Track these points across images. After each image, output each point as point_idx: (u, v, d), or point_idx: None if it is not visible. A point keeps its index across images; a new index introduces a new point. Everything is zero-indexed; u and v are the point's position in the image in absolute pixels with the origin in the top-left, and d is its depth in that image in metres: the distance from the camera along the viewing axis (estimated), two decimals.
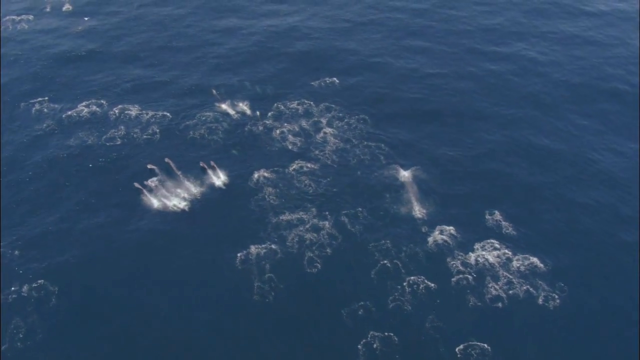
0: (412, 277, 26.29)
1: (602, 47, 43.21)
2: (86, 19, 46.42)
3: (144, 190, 29.98)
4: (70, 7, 47.52)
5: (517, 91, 38.00)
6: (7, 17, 46.59)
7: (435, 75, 39.53)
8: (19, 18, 46.69)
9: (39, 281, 26.00)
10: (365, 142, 33.85)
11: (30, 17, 46.99)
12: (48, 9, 47.97)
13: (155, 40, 43.14)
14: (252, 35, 43.54)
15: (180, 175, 31.41)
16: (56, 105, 36.77)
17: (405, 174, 31.93)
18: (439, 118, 35.91)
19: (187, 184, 31.02)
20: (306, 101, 36.93)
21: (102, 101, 36.85)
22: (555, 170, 32.23)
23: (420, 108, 36.70)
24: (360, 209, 29.63)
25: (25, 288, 25.68)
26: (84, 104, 36.77)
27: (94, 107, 36.29)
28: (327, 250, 27.29)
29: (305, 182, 31.23)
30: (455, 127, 35.30)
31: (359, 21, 46.02)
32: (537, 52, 42.00)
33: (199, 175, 31.35)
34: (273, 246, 27.46)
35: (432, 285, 26.02)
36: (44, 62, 40.81)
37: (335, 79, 39.36)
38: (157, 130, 34.45)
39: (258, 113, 35.37)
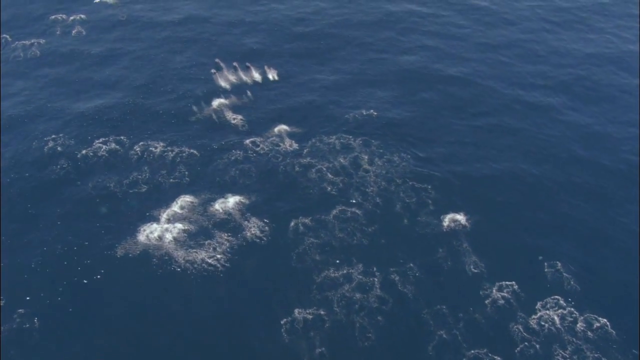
0: (473, 351, 24.66)
1: None
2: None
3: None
4: (84, 31, 45.95)
5: (568, 144, 35.97)
6: (17, 43, 45.00)
7: (480, 117, 37.80)
8: (29, 42, 45.06)
9: None
10: (410, 183, 32.42)
11: (42, 41, 45.36)
12: (58, 32, 46.41)
13: (177, 74, 41.49)
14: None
15: (211, 224, 29.66)
16: (72, 142, 34.99)
17: (456, 222, 30.40)
18: (487, 161, 34.45)
19: (219, 233, 29.32)
20: (344, 135, 35.22)
21: (121, 137, 35.16)
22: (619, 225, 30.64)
23: (466, 150, 35.28)
24: (410, 265, 28.24)
25: None
26: (101, 140, 35.07)
27: (113, 145, 34.69)
28: (378, 317, 25.87)
29: (349, 230, 29.88)
30: (506, 173, 33.86)
31: (393, 51, 44.28)
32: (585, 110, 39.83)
33: (235, 225, 29.84)
34: (321, 312, 26.06)
35: (497, 358, 24.36)
36: (58, 95, 39.53)
37: (372, 111, 37.63)
38: (186, 173, 32.72)
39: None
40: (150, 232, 29.54)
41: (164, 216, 30.43)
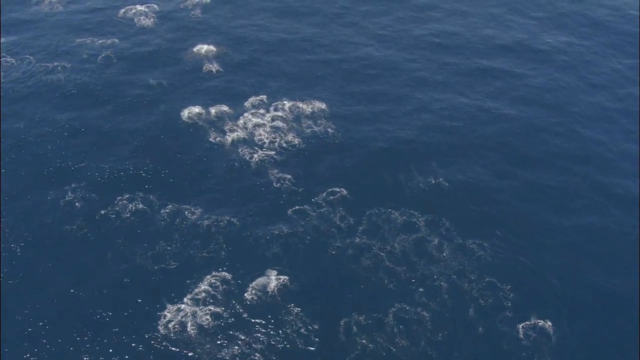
0: None
1: None
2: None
3: None
4: (113, 57, 43.78)
5: None
6: (39, 64, 43.08)
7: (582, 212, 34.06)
8: (52, 66, 43.21)
9: None
10: (487, 279, 29.28)
11: (67, 65, 43.36)
12: (85, 56, 44.33)
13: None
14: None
15: (247, 312, 27.41)
16: (94, 195, 32.52)
17: (540, 331, 27.42)
18: (568, 254, 31.27)
19: (256, 324, 26.81)
20: (410, 211, 32.60)
21: (150, 196, 32.58)
22: None
23: (545, 241, 31.98)
24: None
25: None
26: (126, 197, 32.51)
27: (140, 205, 32.12)
28: None
29: (412, 336, 26.95)
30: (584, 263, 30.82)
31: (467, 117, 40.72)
32: None
33: (275, 317, 27.29)
34: None
35: None
36: (84, 136, 37.54)
37: (441, 179, 34.41)
38: (224, 245, 30.10)
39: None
40: (173, 319, 27.20)
41: (191, 297, 28.10)
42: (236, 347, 26.25)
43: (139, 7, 51.16)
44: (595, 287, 29.71)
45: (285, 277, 29.05)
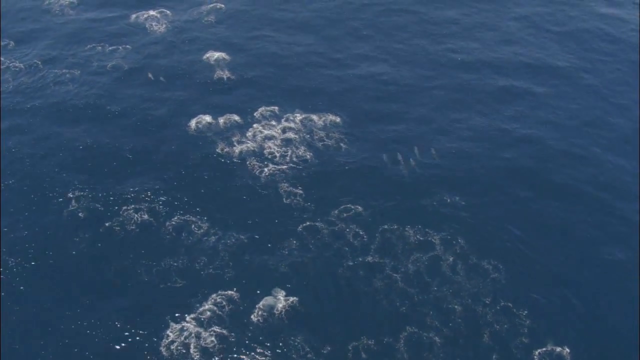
0: None
1: None
2: None
3: None
4: (124, 65, 43.43)
5: None
6: (47, 71, 42.94)
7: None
8: (60, 72, 43.02)
9: None
10: (502, 303, 28.38)
11: (76, 72, 43.06)
12: (95, 63, 44.16)
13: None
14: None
15: (251, 334, 26.84)
16: (98, 206, 31.93)
17: (555, 357, 26.52)
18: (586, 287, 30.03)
19: (261, 348, 26.23)
20: (425, 229, 31.82)
21: (155, 206, 31.99)
22: None
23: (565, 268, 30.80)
24: None
25: None
26: (132, 207, 31.92)
27: (145, 216, 31.54)
28: None
29: None
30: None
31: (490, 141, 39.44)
32: None
33: (282, 340, 26.55)
34: None
35: None
36: (95, 143, 37.25)
37: (457, 197, 33.58)
38: (231, 264, 29.67)
39: None
40: (176, 340, 26.54)
41: (195, 317, 27.46)
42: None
43: (151, 13, 50.58)
44: (615, 315, 28.72)
45: (294, 298, 28.27)
